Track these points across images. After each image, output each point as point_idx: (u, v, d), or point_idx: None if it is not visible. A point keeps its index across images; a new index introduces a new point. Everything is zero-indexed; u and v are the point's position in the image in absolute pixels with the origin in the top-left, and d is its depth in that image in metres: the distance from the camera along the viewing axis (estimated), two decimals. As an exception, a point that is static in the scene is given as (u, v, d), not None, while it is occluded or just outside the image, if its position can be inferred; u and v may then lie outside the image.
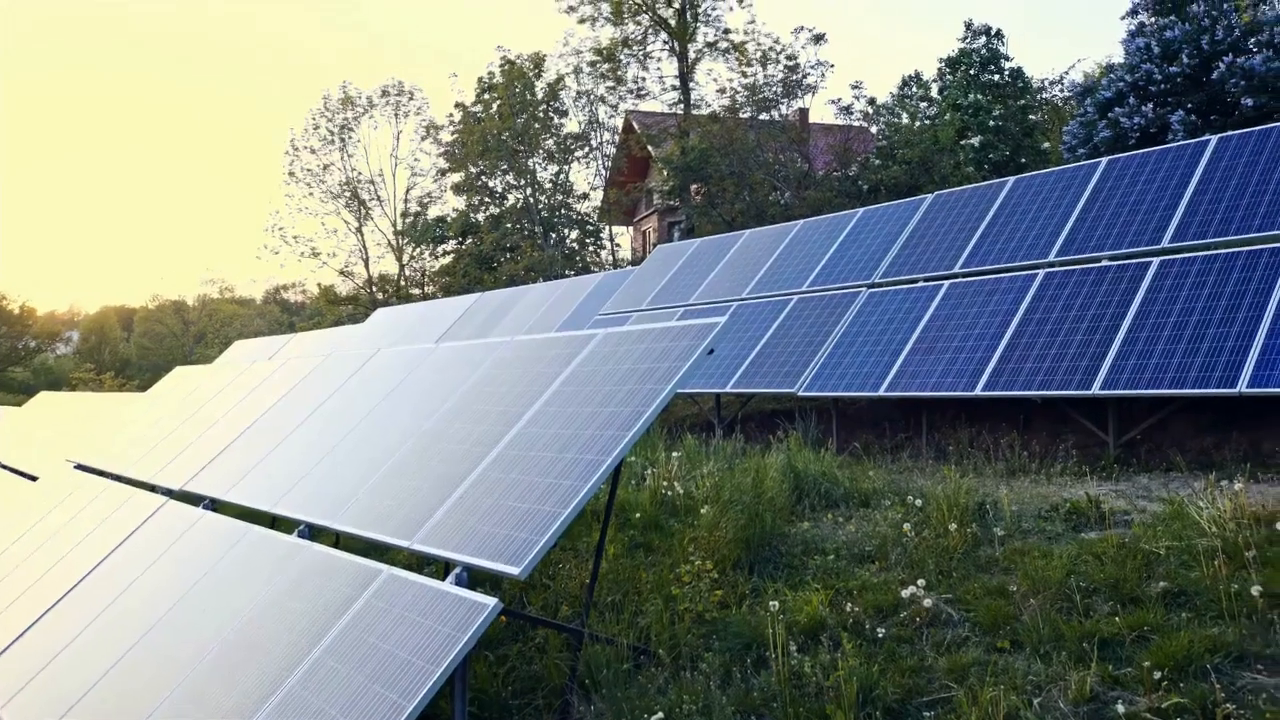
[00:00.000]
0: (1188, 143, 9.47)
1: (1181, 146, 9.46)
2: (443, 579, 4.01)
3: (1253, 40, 17.12)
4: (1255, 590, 3.89)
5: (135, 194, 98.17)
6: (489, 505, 4.30)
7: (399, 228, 36.89)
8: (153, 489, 7.49)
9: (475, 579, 4.61)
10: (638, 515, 6.61)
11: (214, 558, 5.44)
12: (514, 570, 3.75)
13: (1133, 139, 17.33)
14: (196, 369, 10.89)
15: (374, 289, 37.00)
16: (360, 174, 37.76)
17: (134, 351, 55.81)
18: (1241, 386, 6.81)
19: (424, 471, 4.98)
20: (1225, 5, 18.06)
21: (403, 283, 36.82)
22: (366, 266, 37.62)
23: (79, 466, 9.63)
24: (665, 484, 7.09)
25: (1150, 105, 17.56)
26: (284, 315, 52.56)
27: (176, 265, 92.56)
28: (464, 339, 16.56)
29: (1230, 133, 9.19)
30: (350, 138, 37.11)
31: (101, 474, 8.91)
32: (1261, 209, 8.15)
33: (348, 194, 37.01)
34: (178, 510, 6.59)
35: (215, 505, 6.45)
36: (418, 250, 36.37)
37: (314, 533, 5.26)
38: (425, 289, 36.22)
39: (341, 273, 37.65)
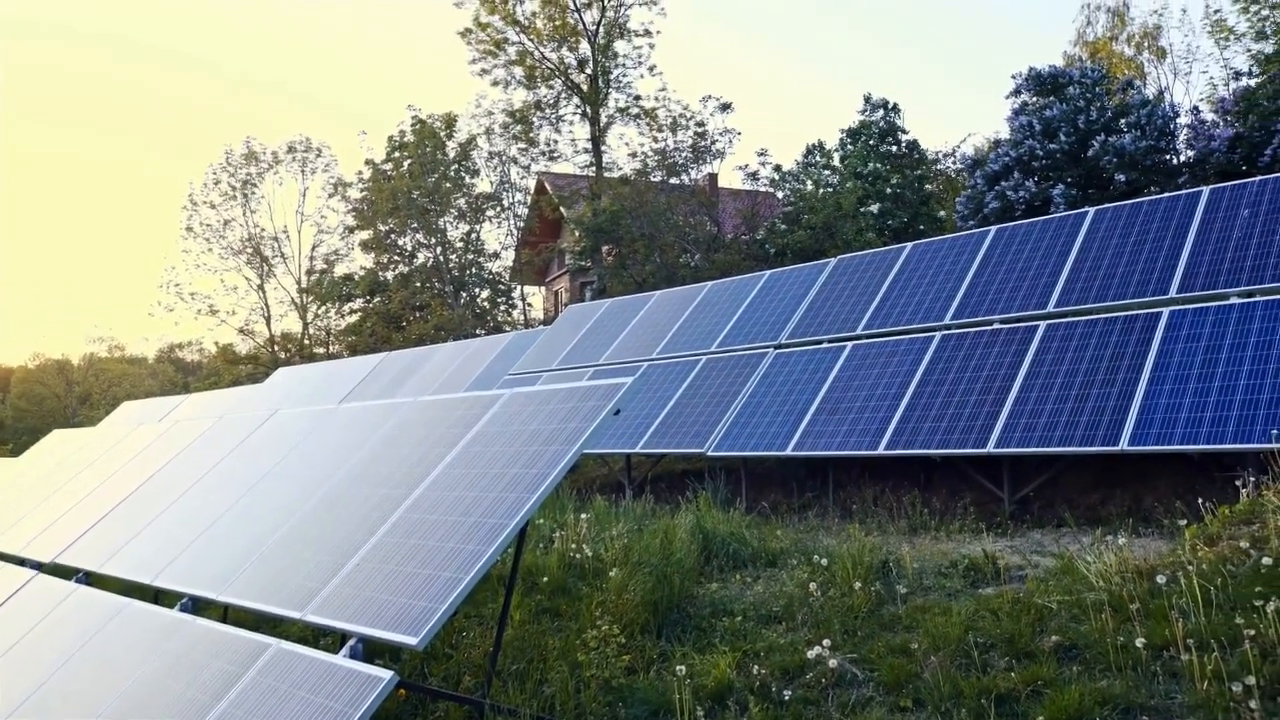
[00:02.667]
0: (1068, 214, 10.06)
1: (1063, 217, 10.04)
2: (338, 652, 3.83)
3: (1123, 121, 18.46)
4: (1139, 642, 4.03)
5: (15, 247, 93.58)
6: (388, 572, 4.15)
7: (303, 285, 36.05)
8: (21, 562, 6.99)
9: (373, 651, 4.42)
10: (545, 579, 6.48)
11: (85, 635, 5.08)
12: (412, 640, 3.61)
13: (1019, 210, 18.36)
14: (78, 432, 10.31)
15: (276, 348, 35.90)
16: (263, 230, 36.81)
17: (9, 413, 52.46)
18: (1123, 444, 7.15)
19: (320, 538, 4.79)
20: (1097, 89, 19.45)
21: (306, 341, 35.86)
22: (268, 325, 36.53)
23: (-59, 537, 8.92)
24: (574, 546, 6.99)
25: (1033, 179, 18.66)
26: (178, 375, 50.38)
27: (61, 322, 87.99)
28: (369, 399, 16.14)
29: (1106, 206, 9.81)
30: (253, 193, 36.27)
31: (-34, 545, 8.27)
32: (1135, 276, 8.68)
33: (250, 250, 36.05)
34: (47, 585, 6.15)
35: (90, 579, 6.05)
36: (323, 308, 35.54)
37: (200, 606, 4.97)
38: (330, 348, 35.34)
39: (241, 331, 36.44)
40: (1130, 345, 7.95)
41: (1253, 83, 18.63)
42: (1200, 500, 5.86)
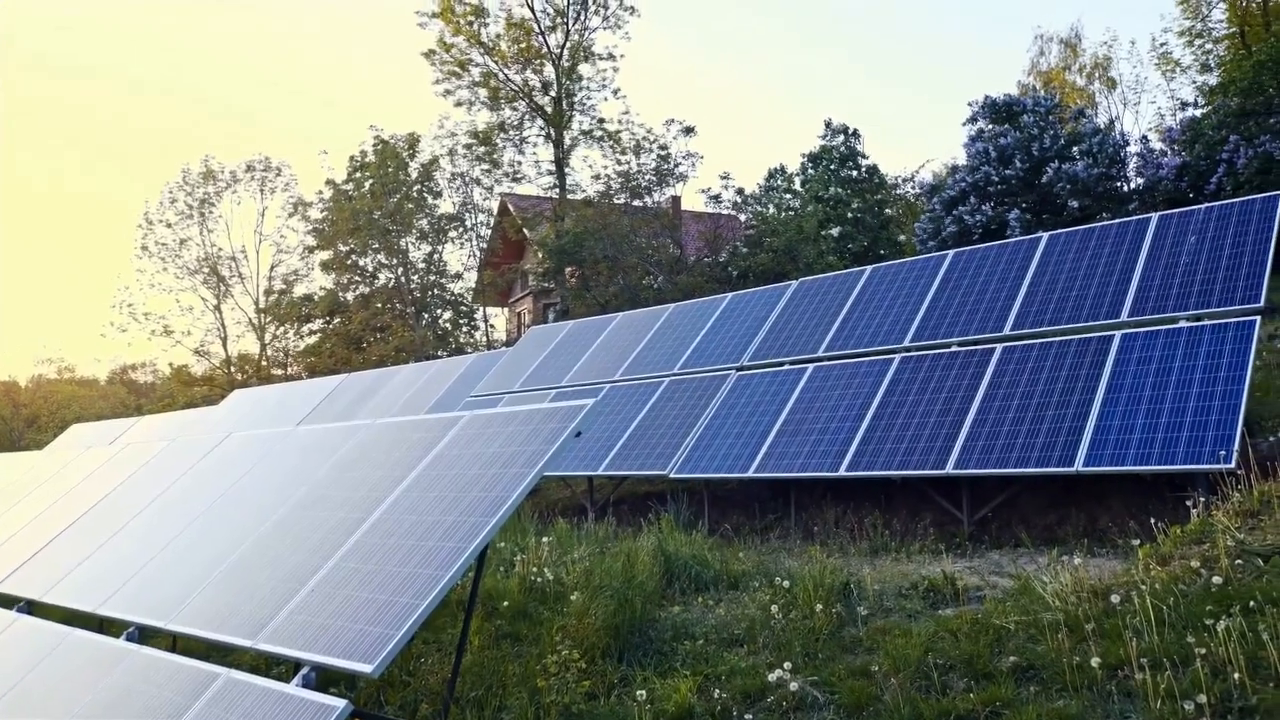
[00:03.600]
0: (1023, 239, 10.26)
1: (1018, 242, 10.23)
2: (291, 680, 3.74)
3: (1075, 149, 18.91)
4: (1095, 662, 4.07)
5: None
6: (343, 598, 4.07)
7: (261, 305, 35.55)
8: (-38, 589, 6.75)
9: (327, 679, 4.33)
10: (505, 604, 6.41)
11: (26, 666, 4.90)
12: (367, 668, 3.53)
13: (976, 234, 18.69)
14: (23, 455, 10.03)
15: (232, 369, 35.33)
16: (221, 250, 36.35)
17: (-49, 437, 50.73)
18: (1078, 465, 7.27)
19: (273, 563, 4.68)
20: (1050, 117, 19.93)
21: (264, 363, 35.33)
22: (225, 346, 35.94)
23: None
24: (535, 570, 6.93)
25: (990, 204, 19.03)
26: (131, 397, 49.19)
27: (8, 343, 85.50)
28: (328, 422, 15.91)
29: (1059, 231, 10.01)
30: (211, 212, 35.80)
31: (-97, 573, 7.98)
32: (1088, 300, 8.86)
33: (206, 270, 35.52)
34: (-11, 613, 5.94)
35: (33, 608, 5.86)
36: (281, 329, 35.07)
37: (148, 635, 4.84)
38: (288, 370, 34.85)
39: (197, 352, 35.81)
40: (1084, 368, 8.10)
41: (1198, 113, 19.21)
42: (1153, 520, 5.96)
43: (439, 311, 32.04)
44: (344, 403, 18.21)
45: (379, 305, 30.83)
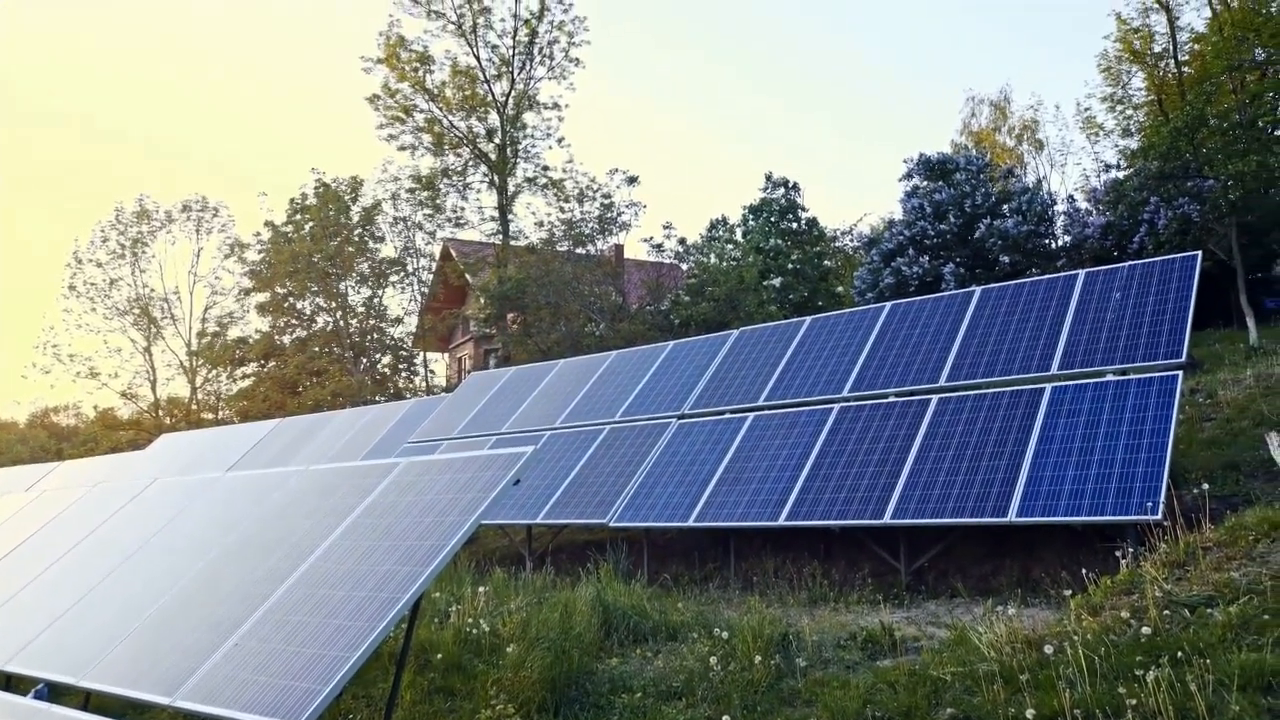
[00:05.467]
0: (957, 292, 10.53)
1: (952, 296, 10.50)
2: (208, 741, 3.57)
3: (1006, 206, 19.62)
4: (1029, 713, 4.09)
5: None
6: (269, 652, 3.91)
7: (194, 348, 34.66)
8: None
9: (248, 739, 4.14)
10: (439, 656, 6.23)
11: (-77, 728, 4.59)
12: (291, 727, 3.39)
13: (913, 286, 19.19)
14: (-69, 501, 9.50)
15: (161, 413, 34.27)
16: (153, 291, 35.47)
17: None
18: (1012, 515, 7.39)
19: (197, 615, 4.49)
20: (982, 175, 20.68)
21: (194, 406, 34.36)
22: (153, 389, 34.92)
23: None
24: (471, 621, 6.77)
25: (926, 257, 19.58)
26: (52, 441, 47.30)
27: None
28: (260, 467, 15.48)
29: (991, 285, 10.32)
30: (144, 252, 35.00)
31: None
32: (1020, 353, 9.11)
33: (137, 311, 34.58)
34: (-117, 670, 5.57)
35: (-66, 663, 5.51)
36: (213, 372, 34.21)
37: (60, 692, 4.58)
38: (220, 414, 33.93)
39: (124, 395, 34.70)
40: (1017, 419, 8.29)
41: (1121, 175, 20.12)
42: (1084, 570, 6.07)
43: (378, 356, 31.62)
44: (277, 448, 17.74)
45: (316, 349, 30.29)
